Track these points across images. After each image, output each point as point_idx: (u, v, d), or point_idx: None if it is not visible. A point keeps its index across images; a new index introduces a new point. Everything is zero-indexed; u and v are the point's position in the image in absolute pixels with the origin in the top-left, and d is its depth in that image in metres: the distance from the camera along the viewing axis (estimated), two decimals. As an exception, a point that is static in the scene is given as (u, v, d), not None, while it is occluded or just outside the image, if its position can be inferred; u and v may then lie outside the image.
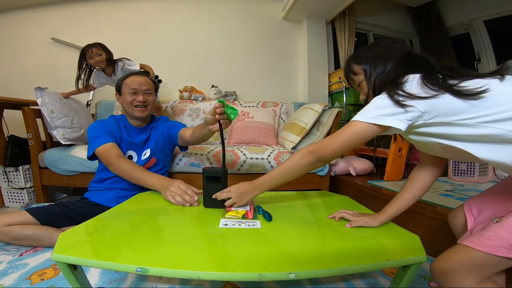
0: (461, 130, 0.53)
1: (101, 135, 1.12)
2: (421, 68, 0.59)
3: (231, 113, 0.80)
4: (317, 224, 0.68)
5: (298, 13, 2.55)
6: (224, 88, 2.47)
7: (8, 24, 2.37)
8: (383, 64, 0.63)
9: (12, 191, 1.67)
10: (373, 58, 0.65)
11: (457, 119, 0.52)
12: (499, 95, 0.50)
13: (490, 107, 0.50)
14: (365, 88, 0.67)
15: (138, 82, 1.18)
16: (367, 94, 0.67)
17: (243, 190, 0.75)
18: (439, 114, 0.53)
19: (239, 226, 0.64)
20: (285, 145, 1.71)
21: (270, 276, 0.44)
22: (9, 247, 1.01)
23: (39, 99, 1.54)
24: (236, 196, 0.75)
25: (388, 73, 0.62)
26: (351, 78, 0.71)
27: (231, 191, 0.75)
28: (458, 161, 1.66)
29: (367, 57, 0.67)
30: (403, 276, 0.56)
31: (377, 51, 0.66)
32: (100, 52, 1.66)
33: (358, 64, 0.68)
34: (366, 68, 0.66)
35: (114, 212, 0.76)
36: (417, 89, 0.54)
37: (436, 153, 0.64)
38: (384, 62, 0.63)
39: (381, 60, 0.64)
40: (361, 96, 0.71)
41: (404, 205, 0.70)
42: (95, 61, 1.66)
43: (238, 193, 0.75)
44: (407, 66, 0.61)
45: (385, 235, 0.62)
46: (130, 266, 0.45)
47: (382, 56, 0.64)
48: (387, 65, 0.63)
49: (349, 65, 0.70)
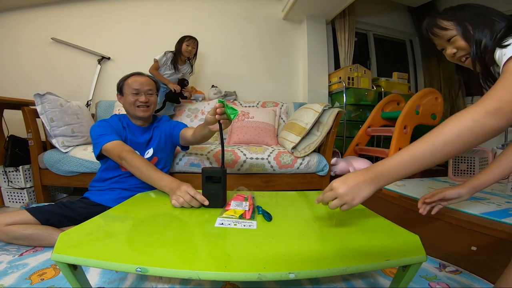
0: None
1: (107, 133, 1.12)
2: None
3: (231, 113, 0.80)
4: (317, 224, 0.68)
5: (298, 13, 2.55)
6: (224, 88, 2.47)
7: (8, 24, 2.38)
8: (480, 18, 0.66)
9: (12, 191, 1.67)
10: (470, 15, 0.68)
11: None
12: None
13: None
14: (461, 42, 0.70)
15: (140, 83, 1.18)
16: (464, 48, 0.70)
17: (354, 186, 0.53)
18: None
19: (235, 226, 0.64)
20: (285, 145, 1.71)
21: (270, 276, 0.44)
22: (9, 247, 1.01)
23: (39, 106, 1.52)
24: (343, 195, 0.53)
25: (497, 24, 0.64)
26: (436, 33, 0.74)
27: (334, 189, 0.55)
28: (458, 161, 1.66)
29: (454, 14, 0.71)
30: (403, 276, 0.56)
31: (474, 11, 0.69)
32: (195, 45, 1.95)
33: (448, 20, 0.71)
34: (460, 24, 0.69)
35: (114, 212, 0.76)
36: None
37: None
38: (481, 15, 0.67)
39: (476, 15, 0.68)
40: (450, 50, 0.73)
41: (496, 177, 0.70)
42: (189, 49, 1.92)
43: (351, 189, 0.53)
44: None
45: (385, 235, 0.62)
46: (130, 266, 0.45)
47: (476, 12, 0.68)
48: (488, 20, 0.65)
49: (434, 20, 0.74)
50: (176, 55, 1.93)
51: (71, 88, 2.32)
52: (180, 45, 1.91)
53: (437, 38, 0.75)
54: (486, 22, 0.66)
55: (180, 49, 1.91)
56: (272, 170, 1.56)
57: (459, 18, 0.70)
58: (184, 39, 1.92)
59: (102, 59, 2.35)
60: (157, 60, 1.90)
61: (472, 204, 1.09)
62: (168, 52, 1.92)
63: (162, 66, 1.92)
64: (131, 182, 1.16)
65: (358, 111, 2.57)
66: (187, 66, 2.02)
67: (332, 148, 1.69)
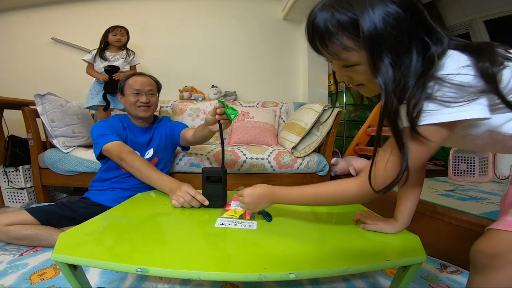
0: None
1: (108, 133, 1.12)
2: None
3: (231, 113, 0.80)
4: (317, 224, 0.68)
5: (298, 13, 2.55)
6: (224, 88, 2.47)
7: (8, 24, 2.38)
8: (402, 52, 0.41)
9: (12, 191, 1.67)
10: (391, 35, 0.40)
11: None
12: None
13: None
14: (362, 76, 0.46)
15: (141, 83, 1.19)
16: (367, 85, 0.47)
17: (257, 199, 0.64)
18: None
19: (235, 226, 0.64)
20: (285, 145, 1.71)
21: (270, 277, 0.44)
22: (9, 247, 1.01)
23: (39, 106, 1.52)
24: (250, 202, 0.65)
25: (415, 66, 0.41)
26: (327, 48, 0.45)
27: (246, 195, 0.66)
28: (458, 161, 1.66)
29: (375, 31, 0.40)
30: (403, 277, 0.56)
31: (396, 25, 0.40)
32: (124, 33, 1.93)
33: (352, 38, 0.42)
34: (370, 50, 0.42)
35: (114, 212, 0.76)
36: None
37: (471, 146, 0.54)
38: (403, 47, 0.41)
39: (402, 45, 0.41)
40: (341, 73, 0.49)
41: (413, 205, 0.65)
42: (117, 38, 1.90)
43: (253, 200, 0.65)
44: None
45: (385, 235, 0.62)
46: (130, 266, 0.45)
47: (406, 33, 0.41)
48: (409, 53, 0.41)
49: (329, 26, 0.43)
50: (102, 48, 1.91)
51: (71, 88, 2.32)
52: (106, 37, 1.90)
53: (325, 51, 0.46)
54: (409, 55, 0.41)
55: (107, 40, 1.90)
56: (272, 170, 1.56)
57: (371, 37, 0.40)
58: (109, 30, 1.90)
59: (102, 59, 2.35)
60: (86, 60, 1.92)
61: (472, 204, 1.09)
62: (92, 50, 1.93)
63: (95, 63, 1.91)
64: (131, 182, 1.16)
65: (358, 111, 2.57)
66: (122, 54, 1.95)
67: (332, 148, 1.69)
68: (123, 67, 1.93)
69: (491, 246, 0.46)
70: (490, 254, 0.46)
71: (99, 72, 1.90)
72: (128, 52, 1.96)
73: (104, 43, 1.92)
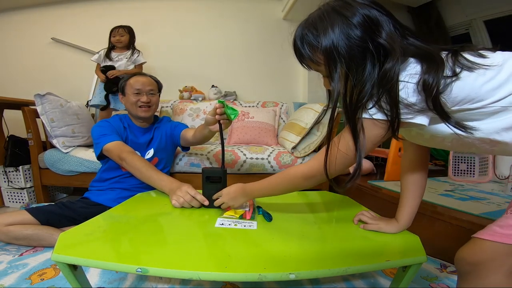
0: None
1: (108, 133, 1.12)
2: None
3: (231, 114, 0.80)
4: (317, 224, 0.68)
5: (298, 13, 2.54)
6: (224, 88, 2.47)
7: (8, 24, 2.38)
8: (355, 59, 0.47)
9: (12, 191, 1.67)
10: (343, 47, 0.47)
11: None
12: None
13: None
14: (327, 85, 0.55)
15: (141, 83, 1.19)
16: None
17: (233, 196, 0.72)
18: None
19: (235, 226, 0.64)
20: (285, 145, 1.71)
21: (270, 277, 0.44)
22: (9, 247, 1.01)
23: (39, 106, 1.52)
24: (228, 200, 0.73)
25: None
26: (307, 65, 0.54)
27: (224, 194, 0.74)
28: (458, 161, 1.66)
29: (332, 43, 0.47)
30: (403, 277, 0.56)
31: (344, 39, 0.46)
32: (123, 33, 1.93)
33: (318, 51, 0.49)
34: (329, 63, 0.49)
35: (114, 212, 0.76)
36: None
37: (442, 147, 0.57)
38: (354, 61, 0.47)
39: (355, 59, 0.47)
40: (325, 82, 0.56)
41: (415, 205, 0.66)
42: (117, 38, 1.92)
43: (230, 198, 0.73)
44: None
45: (385, 235, 0.62)
46: (130, 266, 0.45)
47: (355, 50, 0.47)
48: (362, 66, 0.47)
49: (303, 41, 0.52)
50: (110, 48, 1.97)
51: (71, 88, 2.32)
52: (110, 39, 1.95)
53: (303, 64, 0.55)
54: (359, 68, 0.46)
55: (111, 42, 1.96)
56: (272, 170, 1.56)
57: (327, 53, 0.47)
58: (111, 32, 1.94)
59: (102, 59, 2.35)
60: (94, 61, 1.97)
61: (472, 204, 1.09)
62: (100, 50, 1.97)
63: (101, 62, 1.95)
64: (131, 182, 1.16)
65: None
66: (126, 54, 1.98)
67: (332, 148, 1.69)
68: (127, 66, 1.94)
69: (474, 254, 0.47)
70: (472, 262, 0.46)
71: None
72: (133, 51, 1.98)
73: (110, 44, 1.97)
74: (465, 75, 0.44)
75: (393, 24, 0.47)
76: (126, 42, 1.96)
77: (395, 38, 0.46)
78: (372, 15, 0.46)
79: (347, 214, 0.74)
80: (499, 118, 0.45)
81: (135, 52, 1.99)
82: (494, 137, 0.46)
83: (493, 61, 0.44)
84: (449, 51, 0.47)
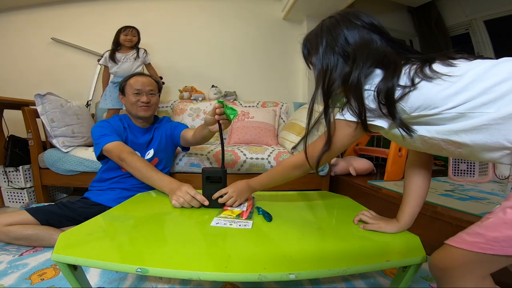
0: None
1: (108, 134, 1.12)
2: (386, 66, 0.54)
3: (230, 113, 0.80)
4: (317, 224, 0.68)
5: (298, 13, 2.54)
6: (224, 88, 2.47)
7: (8, 24, 2.37)
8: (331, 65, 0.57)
9: (12, 191, 1.67)
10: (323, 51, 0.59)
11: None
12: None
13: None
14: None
15: (141, 83, 1.19)
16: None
17: (240, 188, 0.79)
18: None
19: (230, 225, 0.64)
20: (285, 145, 1.71)
21: (270, 277, 0.44)
22: (9, 247, 1.01)
23: (39, 106, 1.52)
24: (236, 195, 0.78)
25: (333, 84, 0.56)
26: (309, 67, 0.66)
27: (230, 191, 0.78)
28: (458, 161, 1.66)
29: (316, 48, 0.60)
30: (403, 277, 0.56)
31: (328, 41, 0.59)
32: (135, 34, 1.95)
33: (311, 53, 0.63)
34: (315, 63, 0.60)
35: (114, 212, 0.76)
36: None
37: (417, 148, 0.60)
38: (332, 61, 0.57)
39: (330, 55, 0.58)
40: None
41: (417, 205, 0.66)
42: (128, 38, 1.91)
43: (238, 192, 0.78)
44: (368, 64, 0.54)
45: (385, 235, 0.62)
46: (130, 267, 0.45)
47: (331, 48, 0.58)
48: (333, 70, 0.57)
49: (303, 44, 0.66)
50: (114, 49, 1.93)
51: (71, 88, 2.32)
52: (118, 37, 1.91)
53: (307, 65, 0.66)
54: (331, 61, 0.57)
55: (119, 41, 1.92)
56: (272, 170, 1.56)
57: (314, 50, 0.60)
58: (120, 30, 1.92)
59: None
60: (102, 64, 1.96)
61: (472, 204, 1.09)
62: (104, 52, 1.95)
63: (108, 64, 1.94)
64: (131, 182, 1.16)
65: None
66: (132, 54, 1.95)
67: (332, 148, 1.69)
68: (133, 67, 1.93)
69: (443, 260, 0.48)
70: (442, 268, 0.48)
71: (112, 73, 1.94)
72: (138, 51, 1.96)
73: (115, 44, 1.93)
74: (423, 85, 0.49)
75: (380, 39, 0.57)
76: (135, 43, 1.96)
77: (366, 52, 0.55)
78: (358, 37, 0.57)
79: (347, 214, 0.74)
80: (458, 123, 0.47)
81: (140, 51, 1.97)
82: (454, 138, 0.49)
83: (455, 71, 0.48)
84: (420, 62, 0.52)
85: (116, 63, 1.90)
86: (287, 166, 0.73)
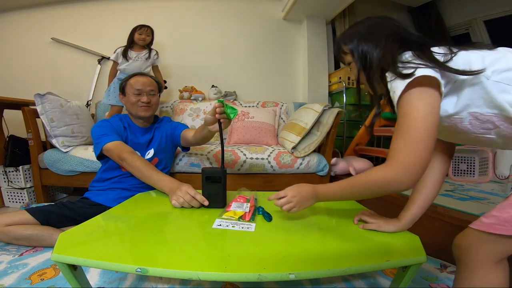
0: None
1: (108, 133, 1.12)
2: (414, 45, 0.55)
3: (230, 113, 0.80)
4: (317, 224, 0.68)
5: (298, 13, 2.55)
6: (224, 88, 2.47)
7: (8, 24, 2.38)
8: (368, 43, 0.58)
9: (12, 191, 1.67)
10: (358, 36, 0.60)
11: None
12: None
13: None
14: (354, 69, 0.63)
15: (142, 83, 1.19)
16: (356, 75, 0.62)
17: (304, 195, 0.65)
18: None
19: (233, 228, 0.63)
20: (285, 145, 1.71)
21: (270, 277, 0.44)
22: (9, 247, 1.01)
23: (39, 106, 1.52)
24: (297, 202, 0.65)
25: (379, 51, 0.56)
26: (341, 57, 0.67)
27: (290, 196, 0.66)
28: (458, 161, 1.66)
29: (352, 36, 0.61)
30: (403, 277, 0.56)
31: (361, 29, 0.61)
32: (149, 33, 1.97)
33: (345, 44, 0.63)
34: (352, 48, 0.61)
35: (114, 212, 0.76)
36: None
37: (456, 138, 0.60)
38: (370, 40, 0.58)
39: (366, 38, 0.59)
40: (352, 76, 0.69)
41: (422, 206, 0.66)
42: (142, 37, 1.93)
43: (301, 199, 0.65)
44: (398, 43, 0.55)
45: (385, 235, 0.62)
46: (130, 267, 0.45)
47: (367, 34, 0.59)
48: (374, 44, 0.57)
49: (338, 44, 0.66)
50: (127, 46, 1.95)
51: (71, 88, 2.32)
52: (132, 35, 1.93)
53: (344, 62, 0.67)
54: (374, 43, 0.57)
55: (133, 39, 1.94)
56: (272, 170, 1.56)
57: (351, 39, 0.61)
58: (136, 28, 1.93)
59: (102, 59, 2.35)
60: (113, 60, 1.97)
61: (472, 204, 1.09)
62: (117, 48, 1.96)
63: (118, 60, 1.95)
64: (131, 182, 1.16)
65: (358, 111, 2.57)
66: (144, 54, 1.98)
67: (332, 148, 1.69)
68: (142, 66, 1.95)
69: (460, 240, 0.55)
70: (460, 247, 0.55)
71: (120, 70, 1.95)
72: (150, 52, 1.98)
73: (130, 41, 1.94)
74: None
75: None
76: (148, 42, 1.98)
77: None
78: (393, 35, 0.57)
79: (347, 214, 0.74)
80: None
81: (152, 52, 2.00)
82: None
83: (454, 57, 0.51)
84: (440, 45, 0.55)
85: (127, 60, 1.92)
86: (372, 181, 0.54)
